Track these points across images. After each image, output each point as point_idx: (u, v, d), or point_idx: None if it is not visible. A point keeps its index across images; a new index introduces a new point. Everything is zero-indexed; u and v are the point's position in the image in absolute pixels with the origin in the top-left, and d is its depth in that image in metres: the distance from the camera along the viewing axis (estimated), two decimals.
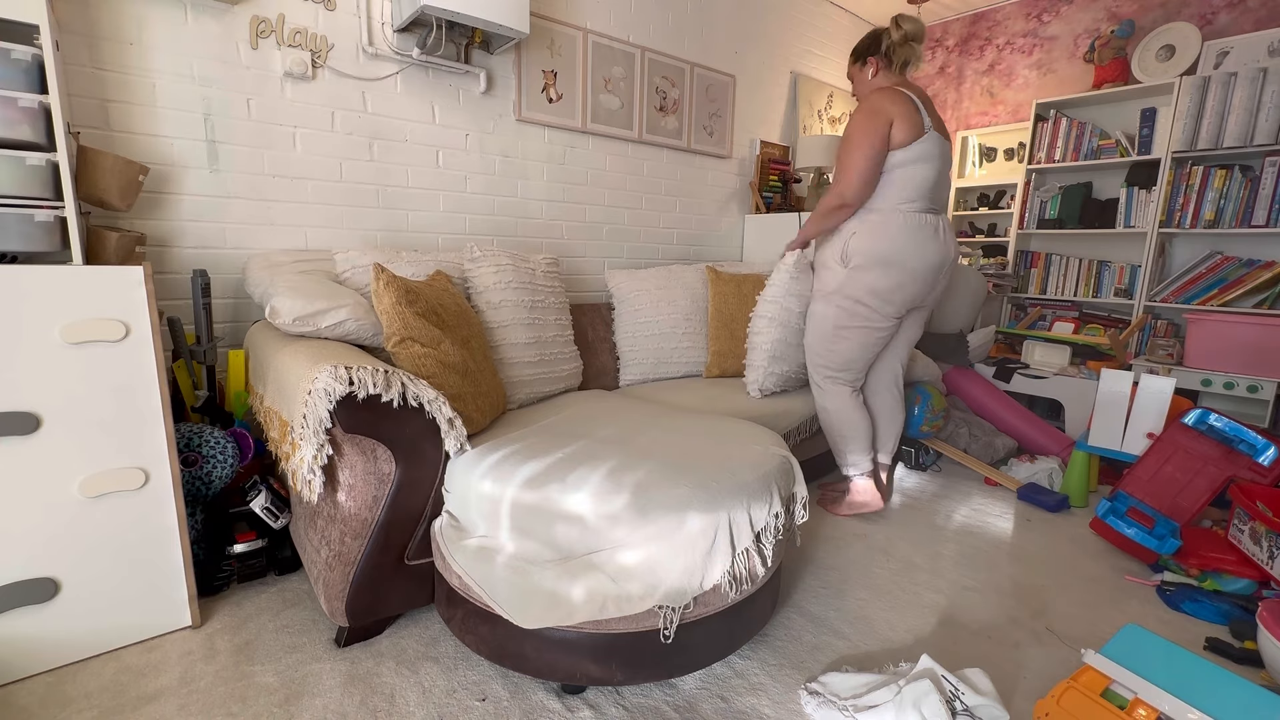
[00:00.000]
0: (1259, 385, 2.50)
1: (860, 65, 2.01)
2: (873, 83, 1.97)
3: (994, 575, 1.74)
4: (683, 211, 3.11)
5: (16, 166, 1.20)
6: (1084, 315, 3.38)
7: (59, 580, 1.23)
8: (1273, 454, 1.85)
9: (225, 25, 1.77)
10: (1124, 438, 2.20)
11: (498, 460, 1.28)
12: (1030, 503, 2.26)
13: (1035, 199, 3.47)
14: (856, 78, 2.04)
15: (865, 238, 1.89)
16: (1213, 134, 2.80)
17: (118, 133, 1.65)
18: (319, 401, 1.13)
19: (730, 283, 2.51)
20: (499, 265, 1.96)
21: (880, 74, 1.96)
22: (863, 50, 1.99)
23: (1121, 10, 3.25)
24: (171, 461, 1.33)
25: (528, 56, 2.39)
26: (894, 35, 1.90)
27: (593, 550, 1.14)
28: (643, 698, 1.22)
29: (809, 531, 1.99)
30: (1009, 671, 1.33)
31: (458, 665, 1.30)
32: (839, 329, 1.99)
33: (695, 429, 1.50)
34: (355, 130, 2.03)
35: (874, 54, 1.96)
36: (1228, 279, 2.83)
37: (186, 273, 1.78)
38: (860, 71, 2.01)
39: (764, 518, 1.23)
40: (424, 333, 1.40)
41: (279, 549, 1.61)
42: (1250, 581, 1.62)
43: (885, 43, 1.92)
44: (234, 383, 1.73)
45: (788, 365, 2.17)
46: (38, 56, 1.20)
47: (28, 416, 1.17)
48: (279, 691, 1.20)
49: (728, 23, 3.12)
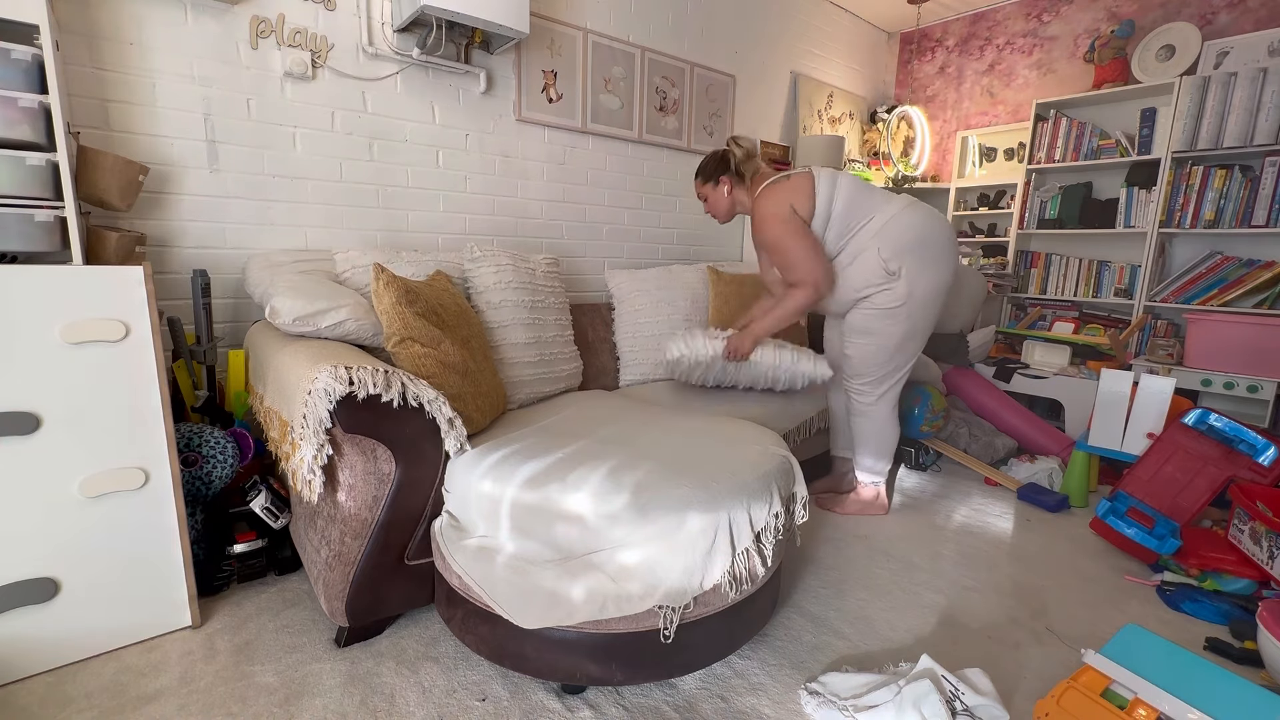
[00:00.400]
0: (1259, 385, 2.50)
1: (712, 185, 2.02)
2: (729, 199, 2.01)
3: (994, 575, 1.74)
4: (683, 211, 3.11)
5: (16, 166, 1.20)
6: (1084, 315, 3.38)
7: (59, 580, 1.23)
8: (1273, 454, 1.85)
9: (225, 25, 1.77)
10: (1124, 438, 2.20)
11: (498, 460, 1.28)
12: (1030, 503, 2.26)
13: (1035, 199, 3.47)
14: (710, 197, 2.05)
15: (888, 237, 1.88)
16: (1213, 134, 2.80)
17: (118, 133, 1.65)
18: (319, 401, 1.13)
19: (731, 283, 2.50)
20: (499, 265, 1.96)
21: (735, 189, 2.00)
22: (712, 171, 2.02)
23: (1121, 10, 3.25)
24: (171, 461, 1.33)
25: (528, 56, 2.39)
26: (738, 154, 1.97)
27: (593, 550, 1.14)
28: (643, 698, 1.22)
29: (809, 531, 1.99)
30: (1009, 671, 1.33)
31: (458, 665, 1.30)
32: (908, 339, 1.97)
33: (695, 429, 1.50)
34: (355, 130, 2.03)
35: (725, 173, 1.99)
36: (1228, 279, 2.83)
37: (186, 273, 1.78)
38: (714, 191, 2.03)
39: (764, 518, 1.23)
40: (424, 333, 1.40)
41: (279, 549, 1.61)
42: (1250, 581, 1.62)
43: (733, 162, 1.98)
44: (234, 383, 1.73)
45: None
46: (38, 56, 1.20)
47: (28, 416, 1.17)
48: (279, 691, 1.20)
49: (728, 23, 3.12)
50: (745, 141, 1.99)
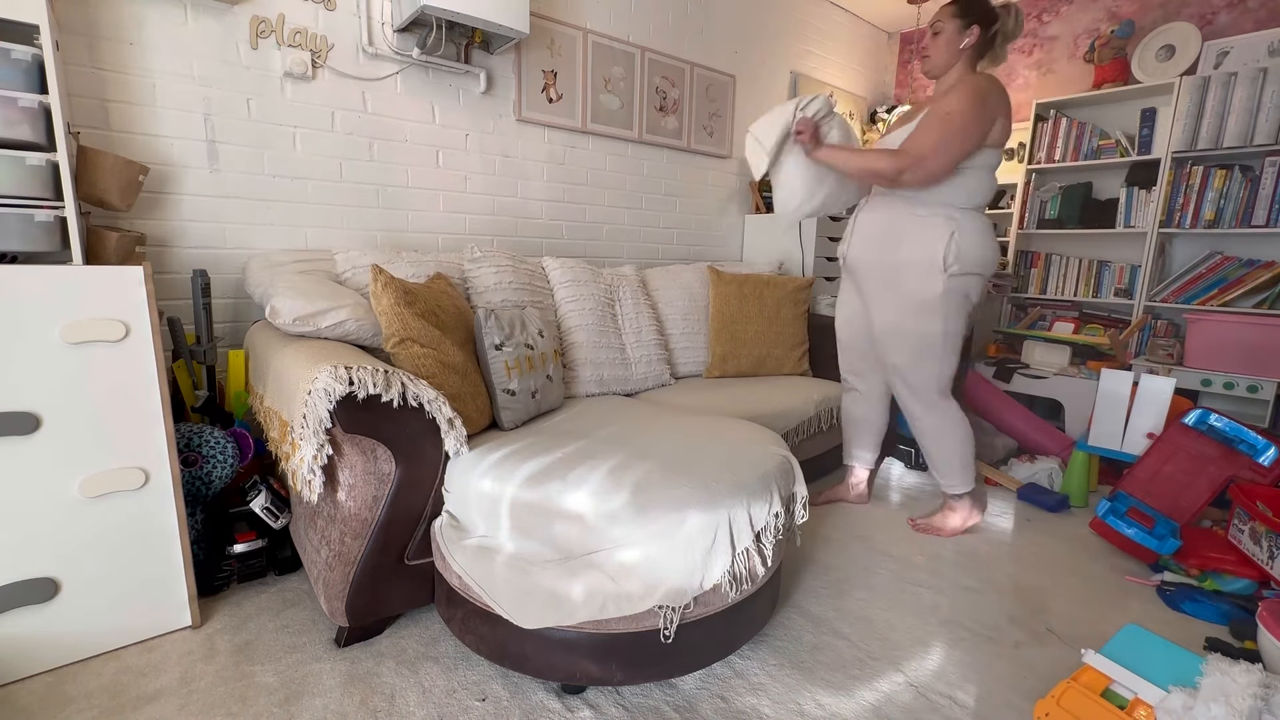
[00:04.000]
0: (1259, 385, 2.50)
1: (960, 25, 1.74)
2: (958, 52, 1.76)
3: (994, 575, 1.74)
4: (683, 211, 3.11)
5: (16, 166, 1.20)
6: (1084, 315, 3.38)
7: (59, 580, 1.23)
8: (1273, 454, 1.85)
9: (225, 25, 1.77)
10: (1124, 438, 2.20)
11: (498, 460, 1.28)
12: (1030, 503, 2.26)
13: (1035, 199, 3.47)
14: (946, 34, 1.76)
15: (967, 238, 1.75)
16: (1213, 134, 2.80)
17: (118, 133, 1.65)
18: (319, 401, 1.13)
19: (731, 283, 2.51)
20: (499, 266, 1.96)
21: (970, 50, 1.75)
22: (973, 11, 1.73)
23: (1121, 10, 3.25)
24: (171, 461, 1.33)
25: (528, 56, 2.39)
26: (1008, 25, 1.74)
27: (592, 550, 1.14)
28: (643, 698, 1.22)
29: (809, 531, 1.99)
30: (1009, 671, 1.33)
31: (458, 665, 1.29)
32: (948, 338, 1.83)
33: (695, 429, 1.50)
34: (355, 130, 2.03)
35: (983, 25, 1.73)
36: (1228, 279, 2.83)
37: (186, 273, 1.78)
38: (956, 32, 1.75)
39: (764, 517, 1.23)
40: (423, 333, 1.40)
41: (279, 549, 1.61)
42: (1250, 581, 1.62)
43: (996, 26, 1.73)
44: (234, 383, 1.73)
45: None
46: (38, 56, 1.20)
47: (28, 416, 1.17)
48: (279, 691, 1.20)
49: (728, 23, 3.12)
50: (1020, 21, 1.72)
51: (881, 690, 1.26)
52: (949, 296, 1.78)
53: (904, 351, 1.88)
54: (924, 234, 1.79)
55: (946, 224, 1.76)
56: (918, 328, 1.83)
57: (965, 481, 1.97)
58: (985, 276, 1.83)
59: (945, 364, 1.87)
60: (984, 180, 1.77)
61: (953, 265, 1.75)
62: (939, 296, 1.78)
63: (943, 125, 1.68)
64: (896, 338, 1.88)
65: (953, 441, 1.94)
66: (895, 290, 1.85)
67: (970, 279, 1.80)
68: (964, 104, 1.67)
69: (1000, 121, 1.71)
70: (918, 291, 1.81)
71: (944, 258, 1.75)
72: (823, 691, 1.25)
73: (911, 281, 1.81)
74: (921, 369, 1.88)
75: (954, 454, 1.94)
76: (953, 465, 1.95)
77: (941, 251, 1.75)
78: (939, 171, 1.71)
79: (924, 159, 1.69)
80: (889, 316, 1.89)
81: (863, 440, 2.20)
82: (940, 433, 1.94)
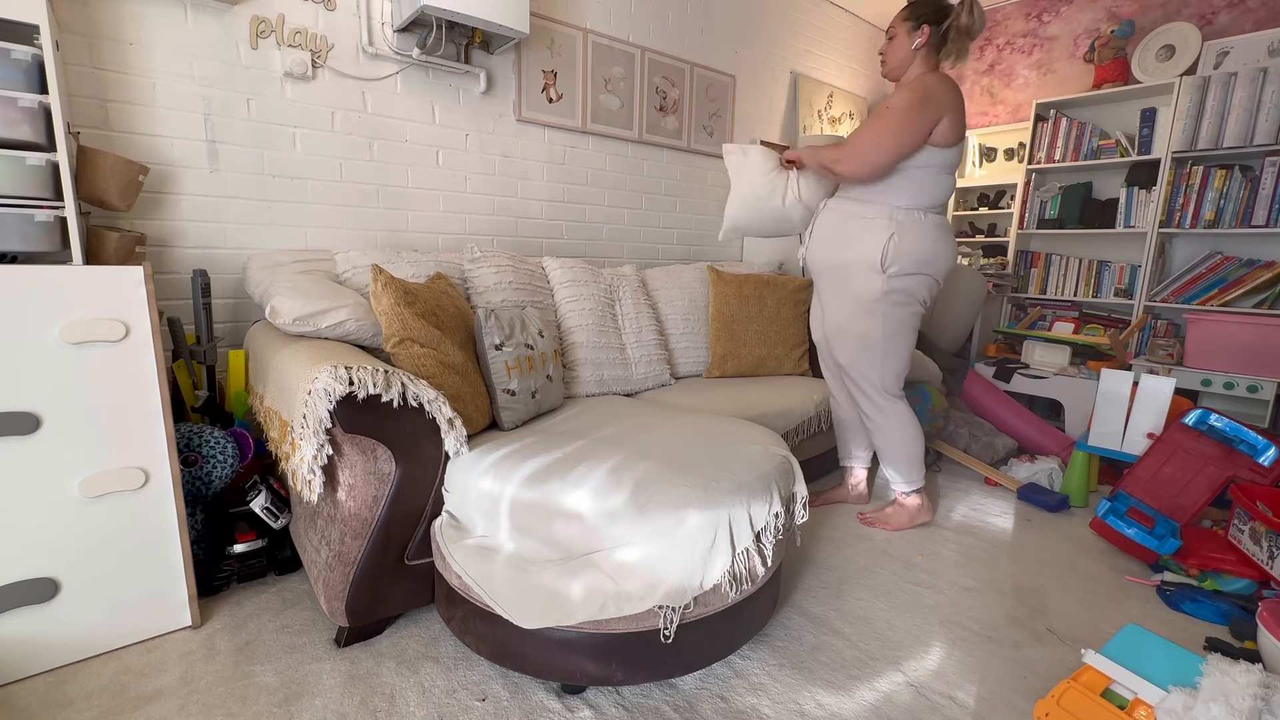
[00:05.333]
0: (1259, 385, 2.50)
1: (910, 26, 1.76)
2: (911, 54, 1.77)
3: (994, 575, 1.74)
4: (683, 211, 3.11)
5: (16, 166, 1.20)
6: (1084, 315, 3.38)
7: (59, 580, 1.23)
8: (1273, 454, 1.85)
9: (225, 25, 1.77)
10: (1124, 438, 2.20)
11: (497, 459, 1.28)
12: (1030, 503, 2.26)
13: (1035, 199, 3.47)
14: (898, 39, 1.79)
15: (906, 241, 1.76)
16: (1213, 134, 2.80)
17: (118, 133, 1.65)
18: (319, 401, 1.13)
19: (731, 283, 2.51)
20: (499, 266, 1.97)
21: (925, 49, 1.75)
22: (921, 13, 1.74)
23: (1121, 10, 3.25)
24: (171, 461, 1.33)
25: (528, 56, 2.39)
26: (962, 19, 1.70)
27: (592, 549, 1.15)
28: (643, 698, 1.22)
29: (809, 531, 1.99)
30: (1009, 671, 1.33)
31: (458, 665, 1.29)
32: (889, 338, 1.86)
33: (695, 429, 1.50)
34: (355, 130, 2.03)
35: (931, 24, 1.73)
36: (1228, 279, 2.83)
37: (186, 273, 1.78)
38: (907, 35, 1.76)
39: (764, 517, 1.23)
40: (423, 333, 1.40)
41: (279, 549, 1.61)
42: (1250, 581, 1.62)
43: (948, 22, 1.72)
44: (234, 383, 1.73)
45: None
46: (38, 56, 1.20)
47: (28, 416, 1.17)
48: (279, 691, 1.20)
49: (728, 23, 3.12)
50: (978, 14, 1.68)
51: (881, 690, 1.26)
52: (889, 297, 1.81)
53: (848, 350, 1.93)
54: (866, 234, 1.81)
55: (887, 225, 1.78)
56: (859, 327, 1.87)
57: (909, 480, 2.00)
58: (932, 276, 1.83)
59: (889, 363, 1.90)
60: (931, 180, 1.77)
61: (891, 265, 1.77)
62: (878, 297, 1.81)
63: (879, 120, 1.71)
64: (841, 337, 1.93)
65: (899, 440, 1.96)
66: (842, 290, 1.89)
67: (913, 279, 1.81)
68: (904, 101, 1.68)
69: (947, 120, 1.69)
70: (859, 291, 1.84)
71: (881, 258, 1.78)
72: (823, 691, 1.25)
73: (855, 281, 1.85)
74: (864, 368, 1.92)
75: (899, 452, 1.97)
76: (898, 463, 1.98)
77: (879, 252, 1.78)
78: (874, 164, 1.71)
79: (857, 149, 1.72)
80: (836, 316, 1.93)
81: (855, 440, 2.20)
82: (886, 430, 1.96)
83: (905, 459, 1.98)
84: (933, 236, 1.79)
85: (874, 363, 1.90)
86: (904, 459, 1.98)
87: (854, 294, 1.85)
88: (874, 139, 1.71)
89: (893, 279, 1.79)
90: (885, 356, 1.89)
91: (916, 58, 1.78)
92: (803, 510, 1.38)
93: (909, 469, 1.99)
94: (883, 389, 1.93)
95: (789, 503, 1.35)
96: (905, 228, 1.77)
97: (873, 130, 1.71)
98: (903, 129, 1.68)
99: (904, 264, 1.78)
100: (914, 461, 1.98)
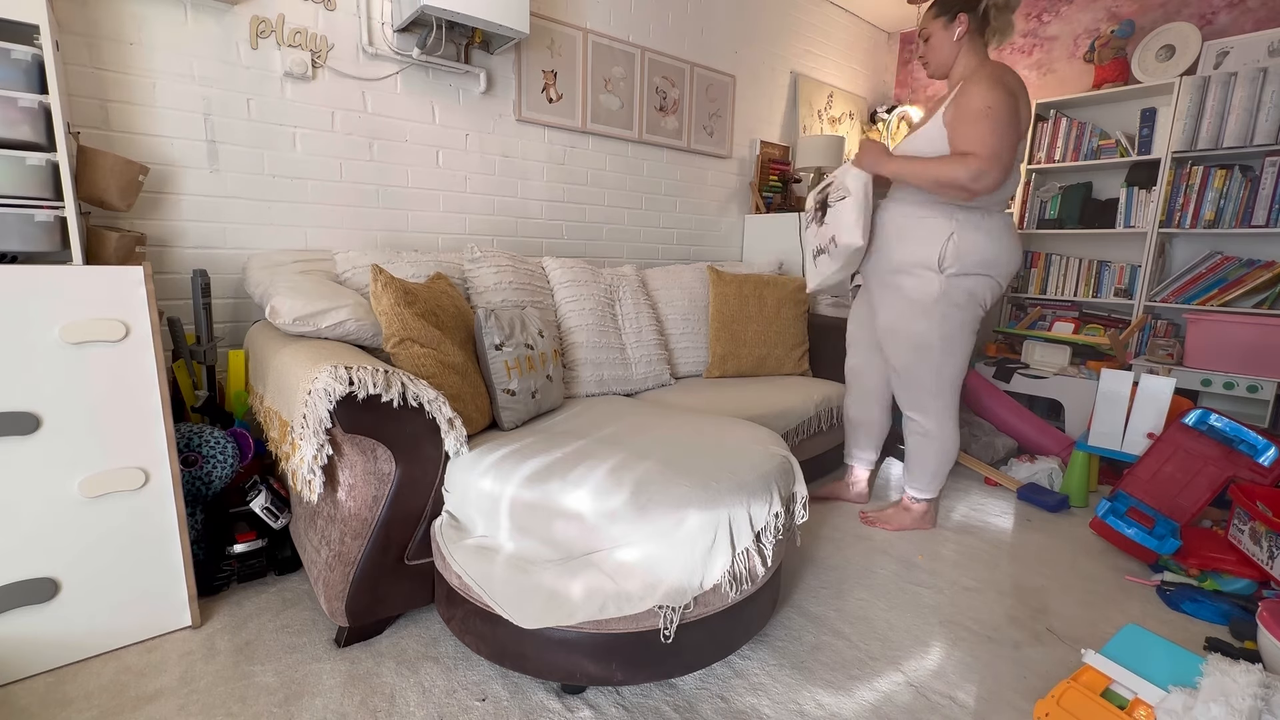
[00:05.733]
0: (1259, 385, 2.50)
1: (945, 20, 1.69)
2: (955, 46, 1.70)
3: (994, 575, 1.74)
4: (683, 211, 3.11)
5: (16, 166, 1.20)
6: (1084, 315, 3.38)
7: (59, 580, 1.23)
8: (1273, 454, 1.85)
9: (225, 25, 1.77)
10: (1124, 438, 2.20)
11: (497, 459, 1.28)
12: (1030, 503, 2.26)
13: (1035, 199, 3.47)
14: (936, 36, 1.72)
15: (967, 239, 1.70)
16: (1213, 134, 2.80)
17: (118, 133, 1.65)
18: (319, 401, 1.13)
19: (732, 284, 2.51)
20: (499, 266, 1.97)
21: (968, 38, 1.68)
22: (952, 3, 1.68)
23: (1121, 10, 3.25)
24: (171, 461, 1.33)
25: (528, 56, 2.39)
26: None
27: (592, 549, 1.15)
28: (643, 698, 1.22)
29: (809, 531, 1.99)
30: (1009, 671, 1.33)
31: (458, 665, 1.29)
32: (946, 341, 1.79)
33: (695, 429, 1.50)
34: (355, 130, 2.03)
35: (967, 11, 1.65)
36: (1228, 279, 2.83)
37: (186, 273, 1.78)
38: (943, 29, 1.70)
39: (764, 517, 1.23)
40: (423, 333, 1.40)
41: (279, 549, 1.61)
42: (1250, 581, 1.62)
43: (985, 2, 1.64)
44: (234, 383, 1.73)
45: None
46: (38, 56, 1.20)
47: (28, 416, 1.17)
48: (279, 691, 1.20)
49: (727, 23, 3.12)
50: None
51: (881, 690, 1.26)
52: (946, 298, 1.76)
53: (901, 353, 1.88)
54: (922, 234, 1.76)
55: (946, 224, 1.73)
56: (913, 329, 1.82)
57: (931, 489, 1.99)
58: (994, 277, 1.77)
59: (944, 367, 1.84)
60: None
61: (950, 266, 1.72)
62: (935, 298, 1.76)
63: (988, 122, 1.57)
64: (894, 338, 1.88)
65: (935, 451, 1.93)
66: (895, 291, 1.84)
67: (974, 280, 1.75)
68: (998, 98, 1.58)
69: (1024, 116, 1.65)
70: (915, 292, 1.79)
71: (939, 258, 1.73)
72: (823, 691, 1.25)
73: (909, 282, 1.80)
74: (917, 371, 1.87)
75: (930, 463, 1.95)
76: (926, 470, 1.96)
77: (938, 252, 1.73)
78: (1009, 167, 1.60)
79: (998, 155, 1.57)
80: (888, 316, 1.88)
81: (863, 440, 2.20)
82: (926, 436, 1.93)
83: (934, 471, 1.95)
84: (996, 236, 1.72)
85: (929, 365, 1.84)
86: (932, 471, 1.95)
87: (909, 295, 1.80)
88: (1001, 142, 1.56)
89: (952, 280, 1.74)
90: (942, 359, 1.83)
91: (962, 48, 1.70)
92: (803, 510, 1.38)
93: (933, 480, 1.97)
94: (933, 392, 1.87)
95: (789, 503, 1.35)
96: (965, 227, 1.71)
97: (992, 135, 1.57)
98: (1013, 124, 1.58)
99: (965, 265, 1.72)
100: (941, 475, 1.97)
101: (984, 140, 1.57)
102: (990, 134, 1.57)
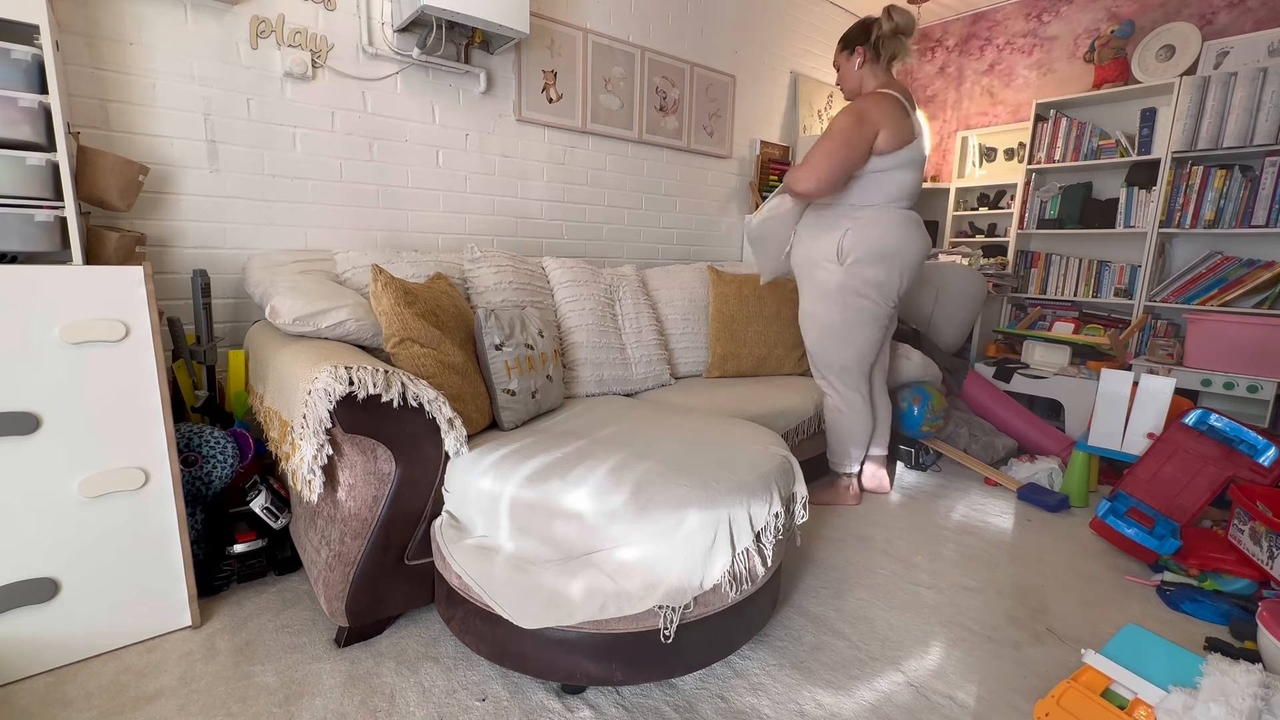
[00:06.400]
0: (1259, 385, 2.50)
1: (847, 54, 1.98)
2: (858, 74, 1.97)
3: (994, 575, 1.74)
4: (683, 211, 3.11)
5: (16, 166, 1.20)
6: (1084, 315, 3.38)
7: (59, 580, 1.23)
8: (1273, 454, 1.85)
9: (225, 25, 1.77)
10: (1124, 438, 2.20)
11: (497, 459, 1.28)
12: (1030, 503, 2.26)
13: (1035, 199, 3.47)
14: (843, 67, 2.02)
15: (860, 233, 1.92)
16: (1213, 134, 2.80)
17: (118, 133, 1.65)
18: (319, 401, 1.13)
19: (731, 284, 2.51)
20: (499, 266, 1.97)
21: (866, 65, 1.94)
22: (851, 39, 1.97)
23: (1121, 10, 3.25)
24: (171, 461, 1.33)
25: (528, 56, 2.39)
26: (884, 27, 1.87)
27: (592, 549, 1.15)
28: (643, 698, 1.22)
29: (809, 531, 1.99)
30: (1009, 671, 1.33)
31: (458, 665, 1.30)
32: (847, 326, 2.01)
33: (695, 429, 1.50)
34: (355, 130, 2.03)
35: (862, 44, 1.93)
36: (1228, 279, 2.83)
37: (186, 273, 1.78)
38: (846, 61, 1.99)
39: (764, 517, 1.23)
40: (423, 333, 1.40)
41: (279, 549, 1.61)
42: (1250, 581, 1.62)
43: (875, 34, 1.90)
44: (234, 383, 1.73)
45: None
46: (38, 56, 1.20)
47: (28, 416, 1.17)
48: (279, 691, 1.20)
49: (727, 23, 3.12)
50: (900, 16, 1.85)
51: (881, 690, 1.26)
52: (847, 286, 1.97)
53: (810, 334, 2.13)
54: (825, 230, 2.00)
55: (843, 220, 1.96)
56: (819, 312, 2.06)
57: (837, 463, 2.21)
58: (896, 266, 1.94)
59: (846, 348, 2.05)
60: (887, 180, 1.91)
61: (847, 256, 1.94)
62: (838, 286, 1.98)
63: (824, 141, 1.86)
64: (806, 321, 2.13)
65: (838, 425, 2.16)
66: (809, 280, 2.08)
67: (873, 268, 1.93)
68: (842, 124, 1.85)
69: (884, 132, 1.84)
70: (821, 281, 2.02)
71: (838, 251, 1.96)
72: (823, 691, 1.25)
73: (818, 273, 2.03)
74: (822, 351, 2.10)
75: (834, 436, 2.19)
76: (831, 445, 2.21)
77: (835, 245, 1.96)
78: (827, 179, 1.84)
79: (803, 171, 1.87)
80: (804, 303, 2.13)
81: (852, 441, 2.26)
82: (833, 411, 2.17)
83: (837, 444, 2.19)
84: (892, 229, 1.92)
85: (832, 347, 2.07)
86: (836, 444, 2.19)
87: (817, 283, 2.04)
88: (821, 159, 1.85)
89: (850, 268, 1.95)
90: (843, 342, 2.04)
91: (864, 75, 1.96)
92: (803, 510, 1.38)
93: (839, 454, 2.19)
94: (836, 372, 2.10)
95: (789, 503, 1.35)
96: (860, 223, 1.93)
97: (819, 152, 1.86)
98: (843, 147, 1.83)
99: (860, 254, 1.93)
100: (843, 450, 2.18)
101: (812, 156, 1.87)
102: (819, 151, 1.86)
